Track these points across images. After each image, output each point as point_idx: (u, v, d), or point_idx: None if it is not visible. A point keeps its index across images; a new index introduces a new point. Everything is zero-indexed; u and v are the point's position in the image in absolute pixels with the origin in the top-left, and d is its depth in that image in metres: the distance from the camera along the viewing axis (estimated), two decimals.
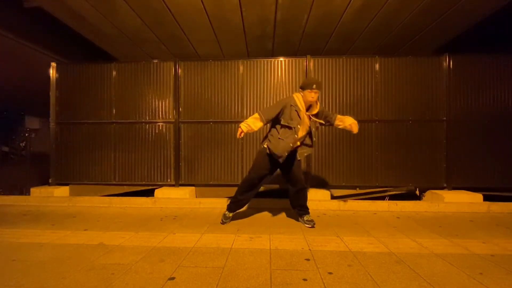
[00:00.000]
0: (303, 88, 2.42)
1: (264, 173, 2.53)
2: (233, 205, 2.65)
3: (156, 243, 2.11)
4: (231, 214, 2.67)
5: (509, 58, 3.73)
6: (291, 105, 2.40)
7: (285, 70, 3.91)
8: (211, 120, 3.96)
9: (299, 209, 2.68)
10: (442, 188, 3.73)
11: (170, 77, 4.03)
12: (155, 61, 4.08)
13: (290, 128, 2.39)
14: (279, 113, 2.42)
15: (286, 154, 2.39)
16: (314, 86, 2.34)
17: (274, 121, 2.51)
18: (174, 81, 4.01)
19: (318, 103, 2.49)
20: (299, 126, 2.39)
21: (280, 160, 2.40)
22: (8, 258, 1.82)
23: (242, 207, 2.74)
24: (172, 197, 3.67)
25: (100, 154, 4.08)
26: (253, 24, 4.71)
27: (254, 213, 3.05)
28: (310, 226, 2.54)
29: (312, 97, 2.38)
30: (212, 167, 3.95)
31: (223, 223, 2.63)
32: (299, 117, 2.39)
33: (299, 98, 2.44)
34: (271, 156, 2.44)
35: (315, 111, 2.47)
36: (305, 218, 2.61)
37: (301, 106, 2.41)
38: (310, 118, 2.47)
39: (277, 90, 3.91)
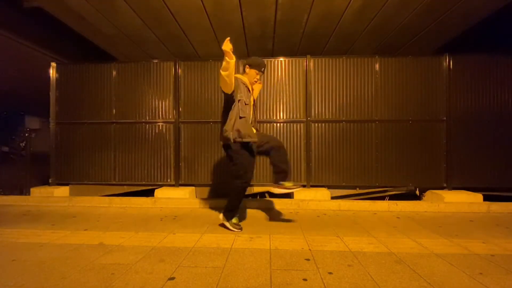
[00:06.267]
0: (251, 66, 2.48)
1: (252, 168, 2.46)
2: (230, 213, 2.45)
3: (156, 243, 2.11)
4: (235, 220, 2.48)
5: (509, 58, 3.73)
6: (242, 82, 2.38)
7: (285, 70, 3.91)
8: (211, 120, 3.96)
9: (283, 173, 2.42)
10: (442, 188, 3.73)
11: (170, 77, 4.03)
12: (155, 61, 4.08)
13: (246, 104, 2.34)
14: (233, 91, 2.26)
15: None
16: (263, 69, 2.50)
17: (226, 105, 2.35)
18: (174, 81, 4.01)
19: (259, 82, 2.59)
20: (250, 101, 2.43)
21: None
22: (8, 258, 1.82)
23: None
24: (172, 197, 3.67)
25: (100, 154, 4.08)
26: (253, 24, 4.70)
27: (254, 213, 3.05)
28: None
29: (256, 79, 2.50)
30: (212, 167, 3.95)
31: (239, 229, 2.40)
32: (249, 92, 2.43)
33: (243, 77, 2.45)
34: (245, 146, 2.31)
35: (257, 91, 2.63)
36: (286, 184, 2.41)
37: (248, 83, 2.44)
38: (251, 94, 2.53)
39: (277, 90, 3.91)
